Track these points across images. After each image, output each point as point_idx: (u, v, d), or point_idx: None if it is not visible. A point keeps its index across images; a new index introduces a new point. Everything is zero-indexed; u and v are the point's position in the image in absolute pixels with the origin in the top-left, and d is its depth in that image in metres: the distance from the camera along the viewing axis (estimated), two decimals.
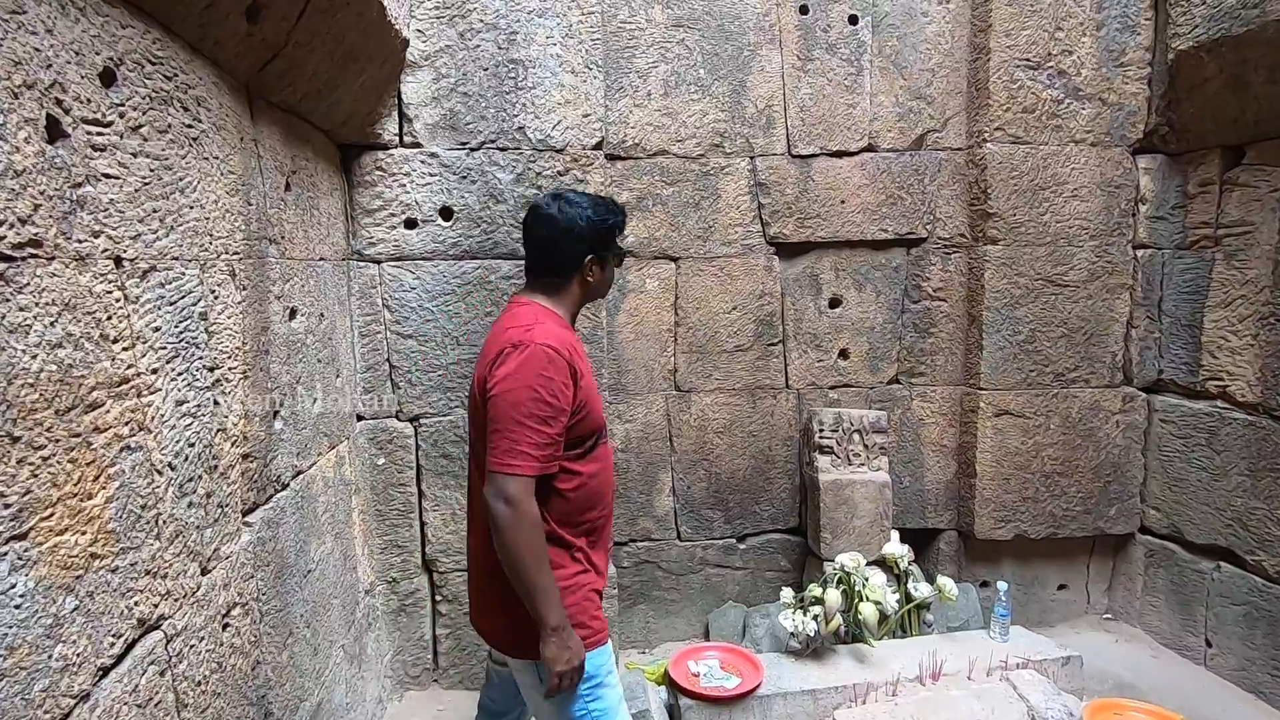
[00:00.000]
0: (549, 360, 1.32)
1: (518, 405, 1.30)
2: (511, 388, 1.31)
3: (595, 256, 1.49)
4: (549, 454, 1.33)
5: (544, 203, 1.49)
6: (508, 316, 1.46)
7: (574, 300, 1.52)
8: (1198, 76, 2.49)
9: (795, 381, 2.83)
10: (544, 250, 1.49)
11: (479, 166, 2.34)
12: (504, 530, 1.29)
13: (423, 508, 2.43)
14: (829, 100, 2.69)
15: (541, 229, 1.47)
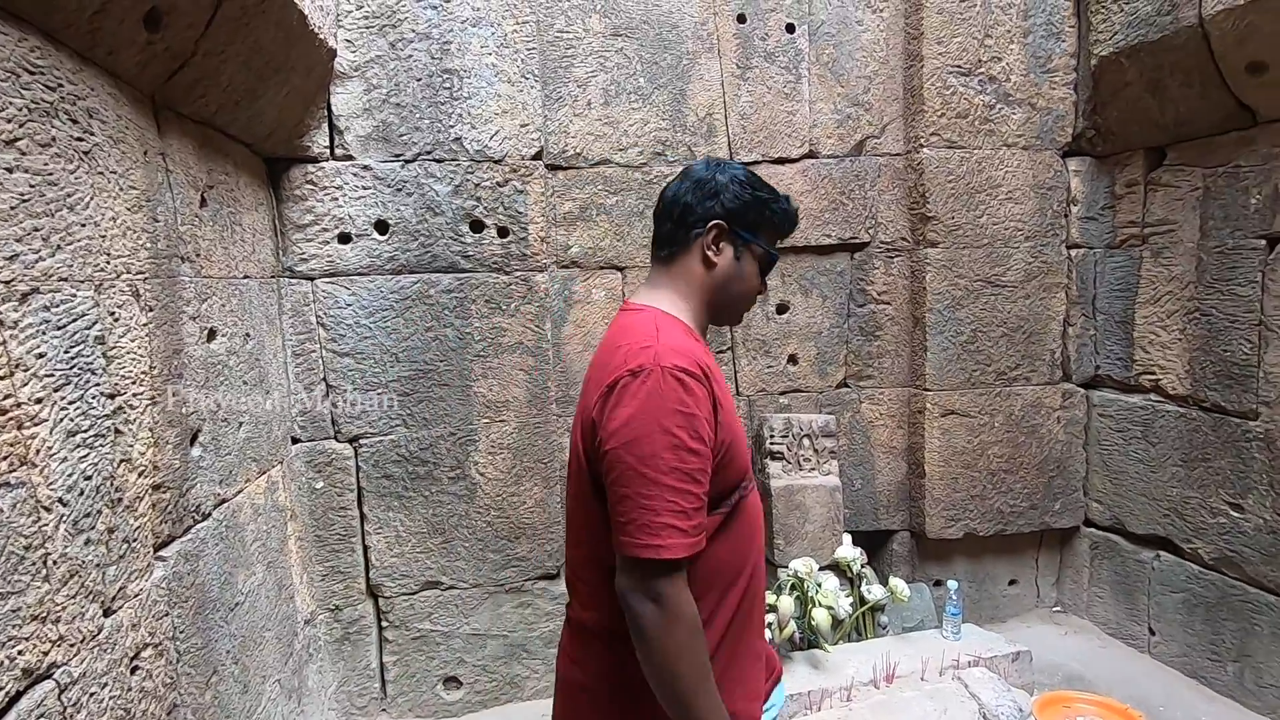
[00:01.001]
0: (684, 388, 0.96)
1: (653, 459, 0.93)
2: (638, 435, 0.94)
3: (727, 231, 1.11)
4: (699, 524, 0.96)
5: (687, 168, 1.18)
6: (616, 330, 1.10)
7: (697, 291, 1.12)
8: (1119, 81, 2.58)
9: (745, 388, 2.83)
10: (661, 216, 1.15)
11: (415, 179, 2.28)
12: (654, 640, 0.93)
13: (365, 531, 2.35)
14: (769, 108, 2.71)
15: (669, 190, 1.15)
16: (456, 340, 2.35)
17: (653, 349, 0.99)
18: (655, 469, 0.93)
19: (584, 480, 1.05)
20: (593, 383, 1.06)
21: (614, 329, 1.12)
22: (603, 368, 1.04)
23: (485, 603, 2.46)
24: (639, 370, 0.97)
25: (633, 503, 0.94)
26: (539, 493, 2.47)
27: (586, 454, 1.03)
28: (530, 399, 2.44)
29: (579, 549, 1.11)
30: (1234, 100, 2.28)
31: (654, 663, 0.95)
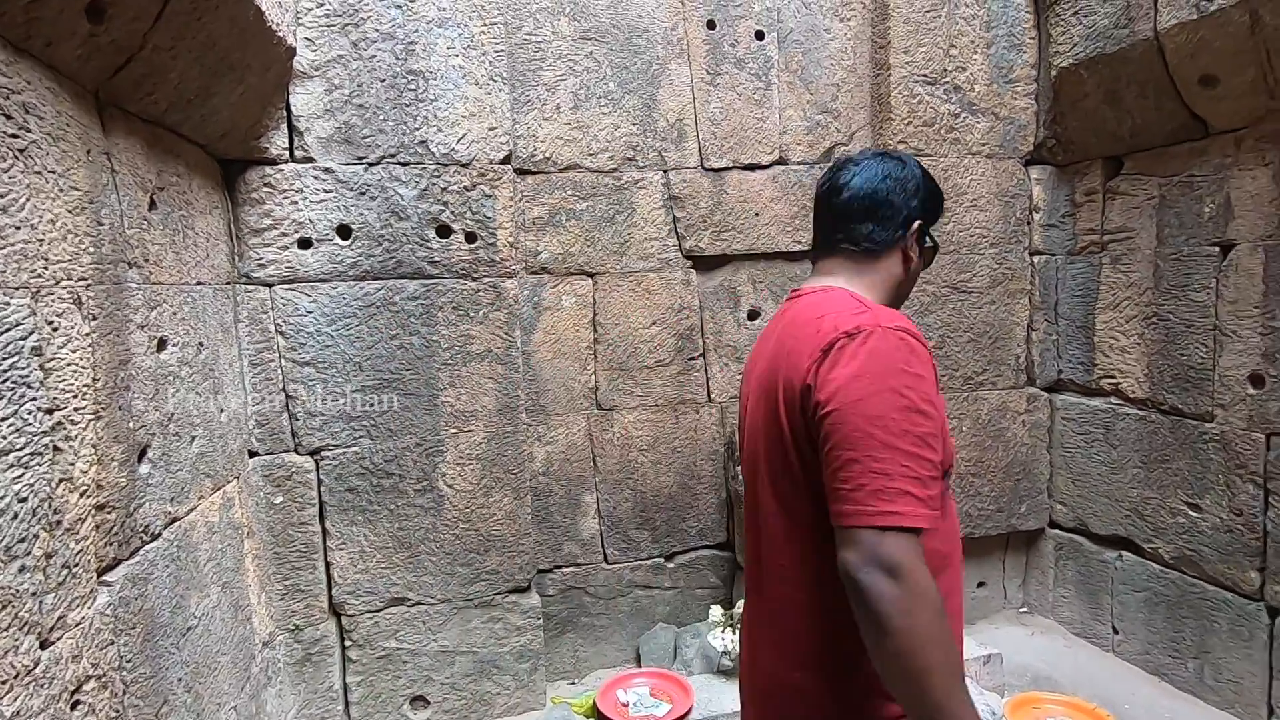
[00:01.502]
0: (910, 350, 0.89)
1: (882, 419, 0.84)
2: (866, 394, 0.86)
3: (923, 227, 1.09)
4: (935, 495, 0.86)
5: (852, 157, 1.13)
6: (805, 306, 1.03)
7: (889, 289, 1.08)
8: (1078, 92, 2.64)
9: (718, 395, 2.81)
10: (858, 211, 1.07)
11: (379, 182, 2.21)
12: (893, 620, 0.78)
13: (328, 547, 2.26)
14: (739, 114, 2.71)
15: (856, 181, 1.07)
16: (423, 348, 2.29)
17: (870, 313, 0.94)
18: (886, 430, 0.84)
19: (779, 456, 0.98)
20: (793, 351, 0.97)
21: (802, 307, 1.04)
22: (801, 337, 0.97)
23: (454, 618, 2.39)
24: (856, 331, 0.90)
25: (862, 466, 0.84)
26: (509, 504, 2.42)
27: (793, 429, 0.95)
28: (500, 408, 2.38)
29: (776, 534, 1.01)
30: (1187, 112, 2.35)
31: (892, 651, 0.79)
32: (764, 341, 1.12)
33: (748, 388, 1.15)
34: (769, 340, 1.09)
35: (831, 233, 1.11)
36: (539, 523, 2.61)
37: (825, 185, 1.13)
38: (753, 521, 1.10)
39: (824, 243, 1.13)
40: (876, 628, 0.80)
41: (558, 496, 2.67)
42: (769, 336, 1.10)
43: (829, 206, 1.12)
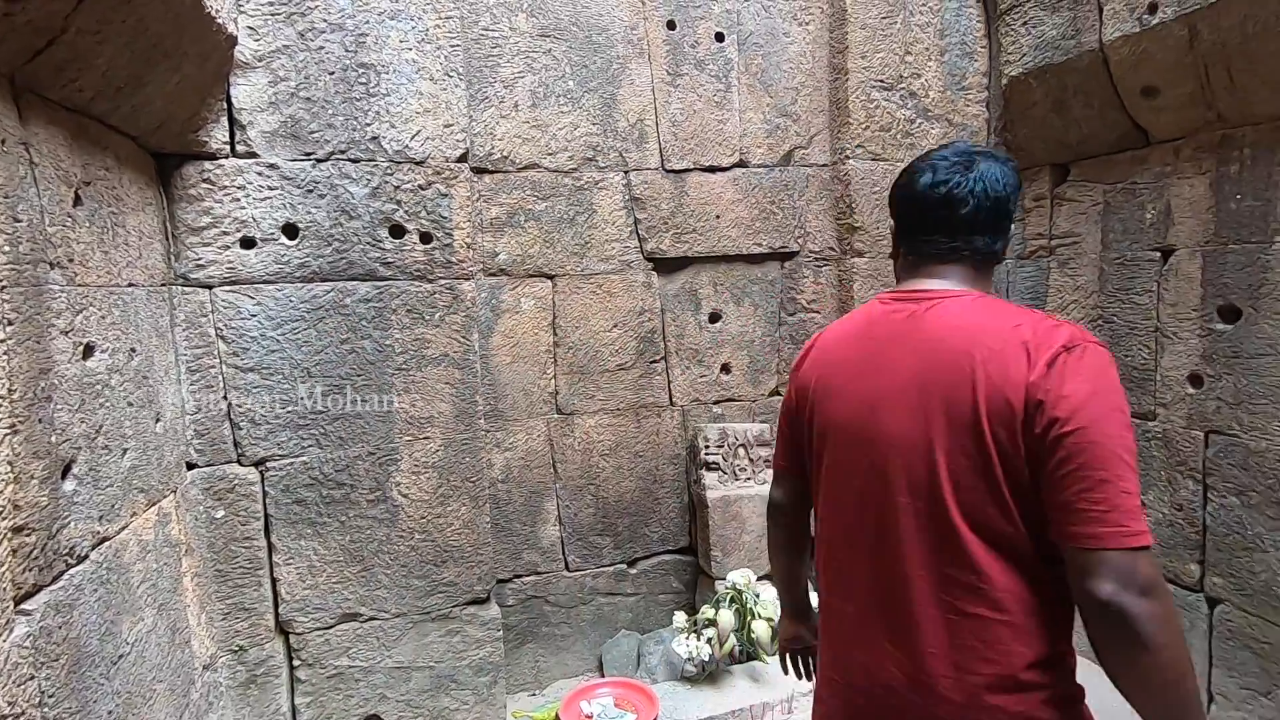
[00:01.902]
0: (1114, 365, 0.91)
1: (1121, 438, 0.85)
2: (1104, 411, 0.85)
3: None
4: None
5: (960, 155, 1.05)
6: (959, 312, 0.98)
7: (991, 290, 1.09)
8: (1027, 101, 2.71)
9: (679, 398, 2.79)
10: (983, 223, 1.03)
11: (328, 179, 2.12)
12: (1157, 638, 0.80)
13: (274, 562, 2.15)
14: (700, 116, 2.69)
15: (981, 189, 1.02)
16: (376, 353, 2.20)
17: (1064, 325, 0.92)
18: (1125, 449, 0.84)
19: (988, 477, 0.90)
20: (970, 365, 0.91)
21: (953, 313, 0.98)
22: (993, 349, 0.91)
23: (409, 633, 2.30)
24: (1072, 345, 0.88)
25: (1114, 488, 0.82)
26: (467, 513, 2.34)
27: (1004, 445, 0.89)
28: (457, 414, 2.31)
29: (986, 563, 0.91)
30: (1130, 121, 2.43)
31: (1156, 667, 0.80)
32: (875, 345, 1.03)
33: (857, 395, 1.03)
34: (894, 345, 1.01)
35: (949, 239, 1.05)
36: (498, 531, 2.55)
37: (940, 189, 1.04)
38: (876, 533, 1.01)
39: (932, 248, 1.06)
40: (1139, 647, 0.81)
41: (517, 504, 2.61)
42: (889, 340, 1.02)
43: (947, 213, 1.04)
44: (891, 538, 0.99)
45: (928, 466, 0.95)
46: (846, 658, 1.07)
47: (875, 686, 1.02)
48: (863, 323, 1.10)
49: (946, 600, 0.95)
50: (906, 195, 1.09)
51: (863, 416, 1.02)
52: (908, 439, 0.97)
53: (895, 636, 0.99)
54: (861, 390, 1.04)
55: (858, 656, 1.04)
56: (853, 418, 1.04)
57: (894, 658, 0.99)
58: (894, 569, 0.99)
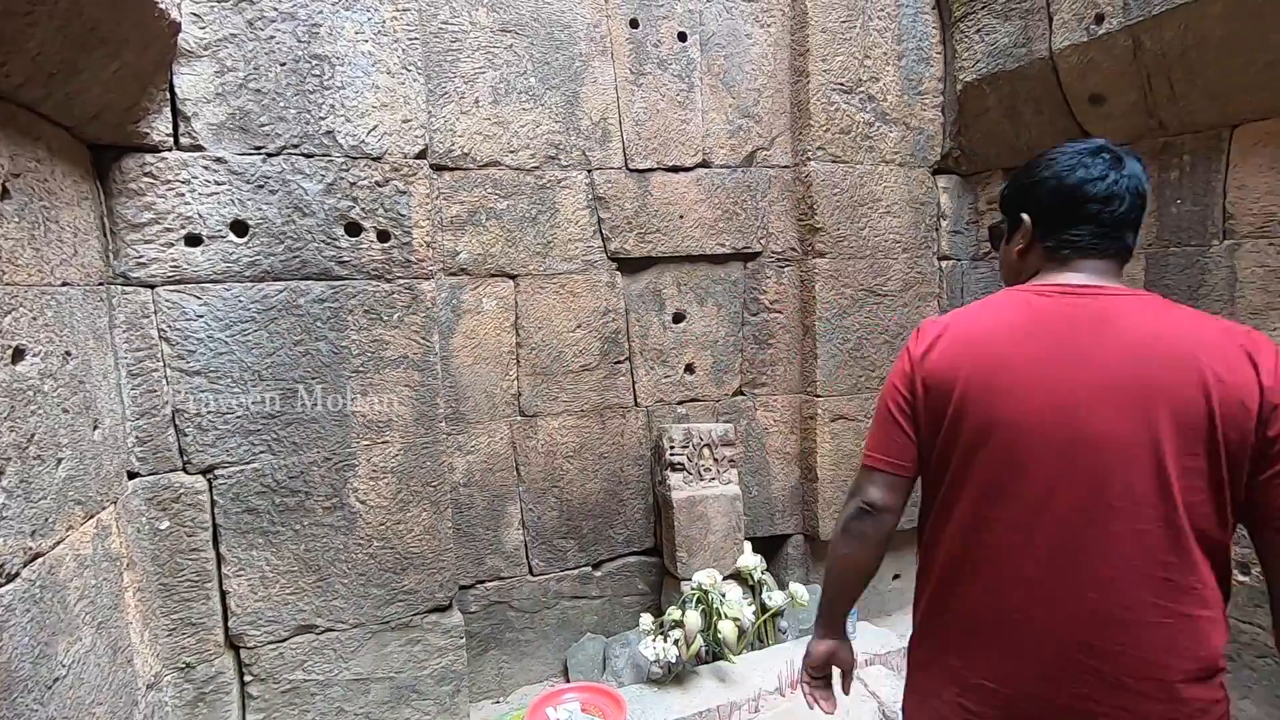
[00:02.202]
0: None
1: None
2: None
3: None
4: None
5: (1103, 151, 1.06)
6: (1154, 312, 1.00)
7: None
8: (981, 106, 2.78)
9: (644, 399, 2.78)
10: (1136, 221, 1.07)
11: (279, 174, 2.04)
12: None
13: (223, 574, 2.06)
14: (663, 115, 2.68)
15: (1135, 186, 1.04)
16: (331, 355, 2.12)
17: (1256, 331, 0.97)
18: None
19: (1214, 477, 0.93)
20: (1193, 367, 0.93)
21: (1152, 311, 0.99)
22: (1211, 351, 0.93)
23: (368, 643, 2.23)
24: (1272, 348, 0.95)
25: None
26: (428, 518, 2.28)
27: (1235, 446, 0.91)
28: (417, 417, 2.25)
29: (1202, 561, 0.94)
30: (1078, 128, 2.52)
31: None
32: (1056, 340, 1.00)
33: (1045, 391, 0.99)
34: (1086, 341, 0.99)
35: (1101, 235, 1.06)
36: (460, 537, 2.49)
37: (1098, 185, 1.04)
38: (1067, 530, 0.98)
39: (1082, 241, 1.06)
40: None
41: (479, 508, 2.56)
42: (1074, 336, 1.00)
43: (1100, 208, 1.04)
44: (1094, 541, 0.96)
45: (1153, 469, 0.94)
46: (1005, 664, 1.02)
47: (1056, 694, 0.98)
48: (1024, 316, 1.04)
49: (1162, 604, 0.94)
50: (1056, 189, 1.07)
51: (1056, 415, 0.98)
52: (1124, 440, 0.94)
53: (1093, 641, 0.97)
54: (1051, 386, 0.99)
55: (1028, 663, 1.00)
56: (1041, 416, 0.98)
57: (1084, 665, 0.97)
58: (1096, 573, 0.96)
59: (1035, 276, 1.11)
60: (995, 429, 1.01)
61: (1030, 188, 1.11)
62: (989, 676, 1.04)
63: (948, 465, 1.07)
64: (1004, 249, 1.20)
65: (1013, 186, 1.17)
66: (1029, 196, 1.12)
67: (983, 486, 1.02)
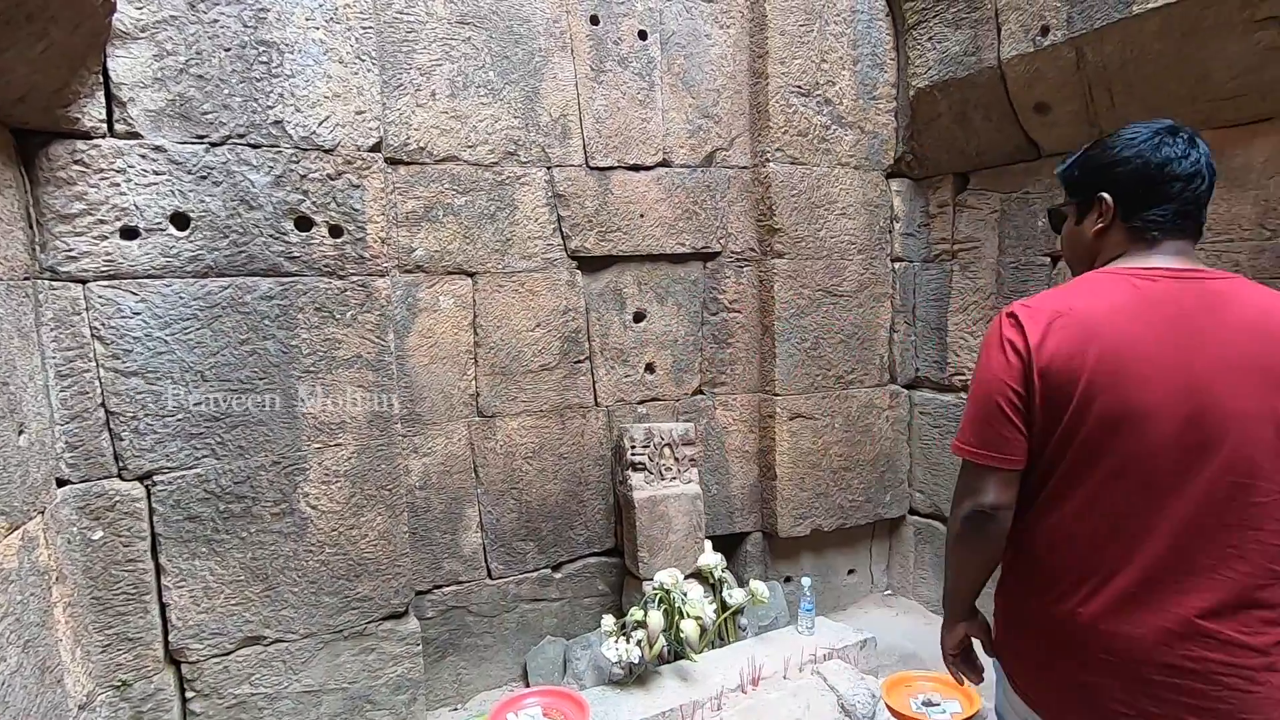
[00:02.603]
0: None
1: None
2: None
3: None
4: None
5: (1176, 131, 1.09)
6: (1248, 291, 1.05)
7: None
8: (933, 112, 2.86)
9: (604, 399, 2.76)
10: (1210, 195, 1.11)
11: (224, 165, 1.94)
12: None
13: (163, 586, 1.95)
14: (624, 113, 2.67)
15: (1210, 163, 1.10)
16: (280, 354, 2.04)
17: None
18: None
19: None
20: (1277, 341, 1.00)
21: (1257, 293, 1.05)
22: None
23: (320, 654, 2.15)
24: None
25: None
26: (383, 523, 2.21)
27: None
28: (371, 418, 2.18)
29: None
30: (1024, 135, 2.61)
31: None
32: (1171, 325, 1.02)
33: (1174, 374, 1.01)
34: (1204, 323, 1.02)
35: (1181, 213, 1.09)
36: (416, 541, 2.43)
37: (1183, 163, 1.07)
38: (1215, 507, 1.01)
39: (1167, 221, 1.09)
40: None
41: (436, 511, 2.50)
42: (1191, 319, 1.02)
43: (1181, 186, 1.07)
44: (1231, 514, 1.00)
45: (1276, 444, 0.99)
46: (1119, 627, 1.04)
47: (1167, 653, 1.01)
48: (1133, 300, 1.05)
49: (1276, 569, 1.00)
50: (1141, 167, 1.08)
51: (1185, 397, 1.00)
52: (1251, 417, 0.99)
53: (1215, 609, 1.00)
54: (1176, 371, 1.01)
55: (1142, 628, 1.03)
56: (1172, 400, 1.00)
57: (1201, 629, 1.00)
58: (1227, 543, 1.00)
59: (1119, 258, 1.12)
60: (1129, 416, 1.01)
61: (1108, 166, 1.12)
62: (1100, 649, 1.06)
63: (1065, 452, 1.06)
64: (1073, 230, 1.20)
65: (1084, 166, 1.17)
66: (1106, 176, 1.12)
67: (1111, 471, 1.03)
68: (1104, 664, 1.05)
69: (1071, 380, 1.03)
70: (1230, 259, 2.09)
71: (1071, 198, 1.20)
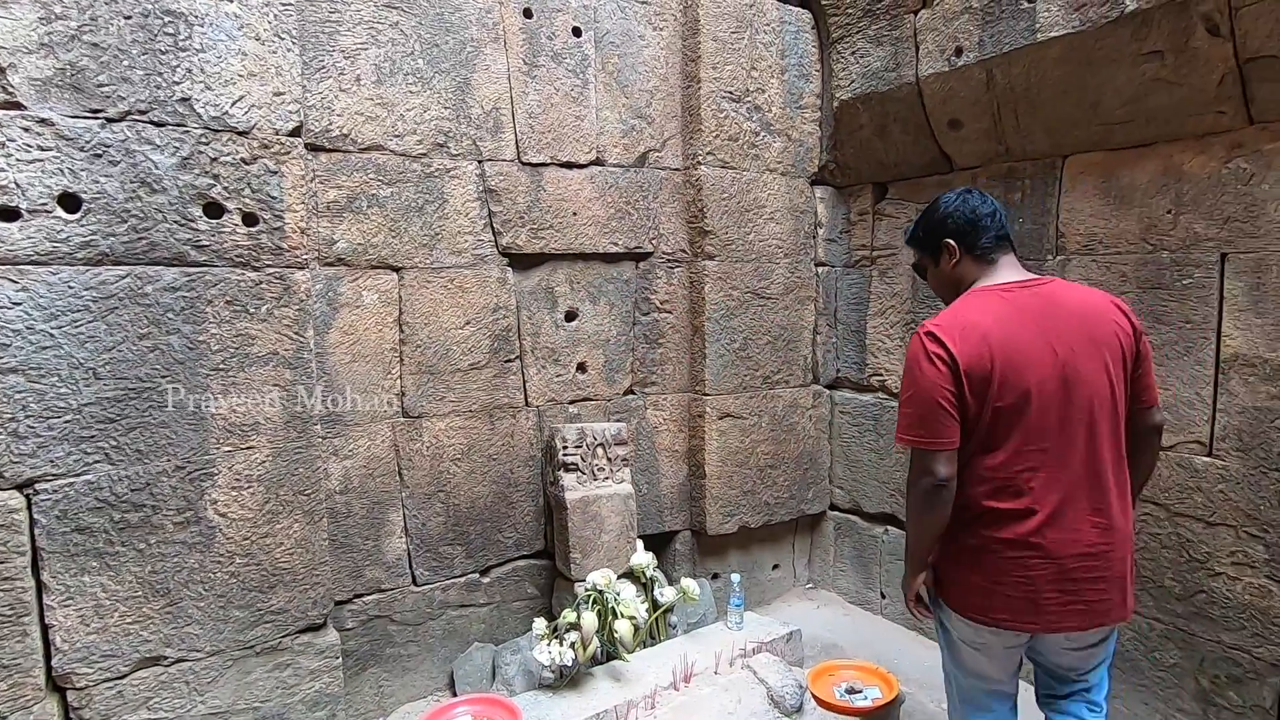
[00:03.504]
0: None
1: None
2: None
3: None
4: None
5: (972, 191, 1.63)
6: (1066, 288, 1.51)
7: None
8: (854, 124, 2.98)
9: (535, 399, 2.72)
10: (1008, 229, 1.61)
11: (123, 144, 1.78)
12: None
13: (46, 605, 1.76)
14: (557, 110, 2.64)
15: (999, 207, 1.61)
16: (186, 350, 1.89)
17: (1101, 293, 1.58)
18: None
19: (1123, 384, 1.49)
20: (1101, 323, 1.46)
21: (1063, 289, 1.50)
22: (1107, 311, 1.48)
23: (229, 672, 2.00)
24: None
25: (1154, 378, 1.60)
26: (300, 530, 2.09)
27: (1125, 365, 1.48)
28: (288, 419, 2.05)
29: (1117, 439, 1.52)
30: (938, 149, 2.76)
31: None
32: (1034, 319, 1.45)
33: (1049, 354, 1.42)
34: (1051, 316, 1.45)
35: (1004, 242, 1.56)
36: (336, 548, 2.31)
37: (991, 210, 1.56)
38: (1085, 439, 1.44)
39: (995, 249, 1.55)
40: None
41: (358, 517, 2.38)
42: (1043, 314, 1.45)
43: (996, 224, 1.55)
44: (1094, 444, 1.43)
45: (1110, 389, 1.45)
46: (1051, 536, 1.42)
47: (1080, 547, 1.42)
48: (1007, 309, 1.46)
49: (1121, 474, 1.48)
50: (969, 218, 1.56)
51: (1062, 368, 1.41)
52: (1097, 375, 1.43)
53: (1098, 508, 1.44)
54: (1050, 350, 1.42)
55: (1064, 534, 1.42)
56: (1054, 371, 1.41)
57: (1095, 523, 1.43)
58: (1096, 463, 1.44)
59: (978, 280, 1.56)
60: (1032, 389, 1.41)
61: (943, 221, 1.59)
62: (1034, 548, 1.43)
63: (991, 426, 1.43)
64: (936, 272, 1.65)
65: (926, 229, 1.63)
66: (945, 228, 1.59)
67: (1025, 434, 1.42)
68: (1040, 565, 1.43)
69: (986, 374, 1.42)
70: (1118, 270, 2.28)
71: (925, 252, 1.66)
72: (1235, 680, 2.05)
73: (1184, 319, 2.13)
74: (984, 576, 1.47)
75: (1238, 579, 2.03)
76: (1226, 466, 2.05)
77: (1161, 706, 2.21)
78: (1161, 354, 2.16)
